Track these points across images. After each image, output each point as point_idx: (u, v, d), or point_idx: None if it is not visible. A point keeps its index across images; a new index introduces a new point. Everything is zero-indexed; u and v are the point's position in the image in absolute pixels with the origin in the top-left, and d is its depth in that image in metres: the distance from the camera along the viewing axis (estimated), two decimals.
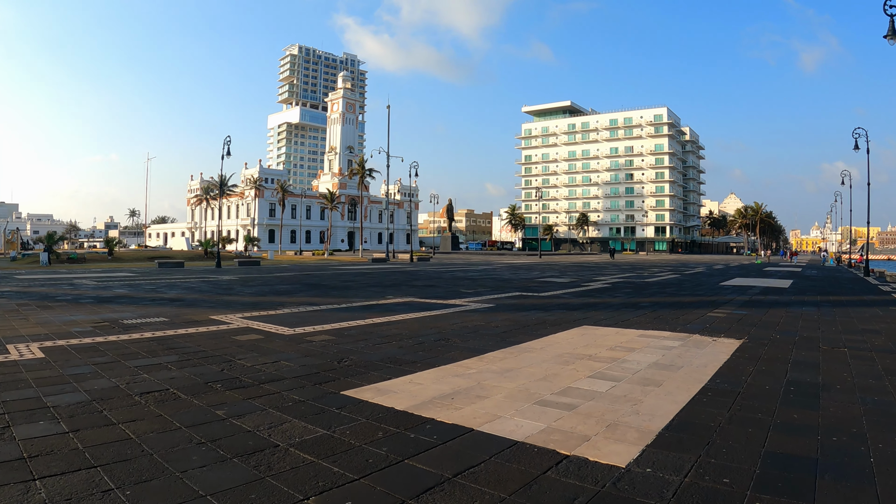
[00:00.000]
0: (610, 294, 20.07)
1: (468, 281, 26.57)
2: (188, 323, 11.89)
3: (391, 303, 16.32)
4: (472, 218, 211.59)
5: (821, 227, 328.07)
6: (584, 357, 8.61)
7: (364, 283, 24.26)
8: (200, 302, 16.15)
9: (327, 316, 13.12)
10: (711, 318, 13.56)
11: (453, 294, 19.31)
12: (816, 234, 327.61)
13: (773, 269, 44.90)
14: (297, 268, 40.21)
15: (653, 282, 27.45)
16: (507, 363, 8.08)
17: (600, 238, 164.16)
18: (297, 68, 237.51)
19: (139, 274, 30.46)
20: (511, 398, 6.26)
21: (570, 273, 35.04)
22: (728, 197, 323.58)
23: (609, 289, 22.64)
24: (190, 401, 6.07)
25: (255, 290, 20.59)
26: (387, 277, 28.90)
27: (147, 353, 8.66)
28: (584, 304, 16.35)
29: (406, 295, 18.82)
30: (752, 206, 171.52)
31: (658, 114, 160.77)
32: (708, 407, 6.01)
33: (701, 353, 9.08)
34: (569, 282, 26.62)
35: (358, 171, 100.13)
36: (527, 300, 17.68)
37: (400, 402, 6.03)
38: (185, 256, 55.04)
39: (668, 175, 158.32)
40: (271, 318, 12.57)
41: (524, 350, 9.10)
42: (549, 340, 10.08)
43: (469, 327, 11.54)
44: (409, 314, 13.59)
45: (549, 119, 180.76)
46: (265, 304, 15.74)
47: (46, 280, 25.21)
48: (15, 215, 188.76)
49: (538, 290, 21.63)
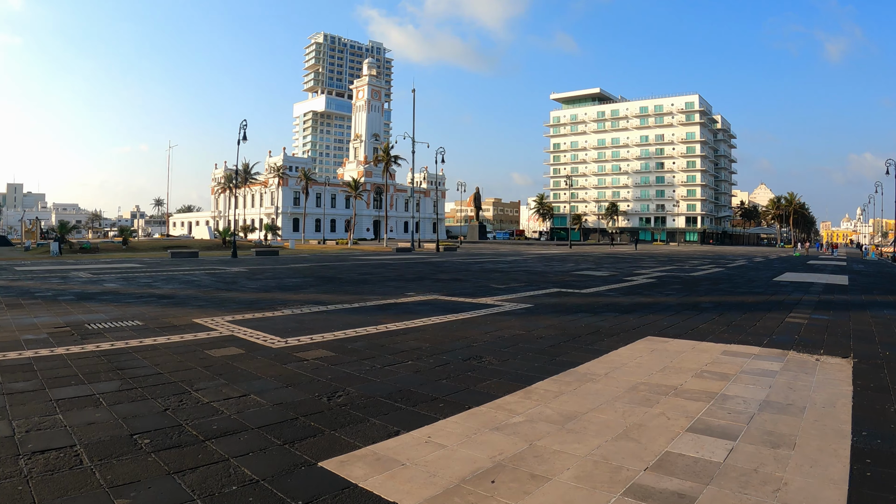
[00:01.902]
0: (660, 292, 17.64)
1: (499, 274, 24.23)
2: (164, 329, 9.78)
3: (411, 301, 14.07)
4: (500, 207, 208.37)
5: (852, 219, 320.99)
6: (667, 390, 6.28)
7: (384, 277, 22.06)
8: (192, 300, 14.04)
9: (333, 320, 10.90)
10: (792, 324, 11.15)
11: (483, 290, 17.02)
12: (847, 227, 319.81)
13: (818, 263, 41.70)
14: (315, 258, 38.16)
15: (700, 276, 24.90)
16: (566, 402, 5.78)
17: (630, 228, 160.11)
18: (323, 56, 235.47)
19: (145, 265, 28.59)
20: (586, 481, 3.94)
21: (607, 265, 32.51)
22: (758, 187, 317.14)
23: (656, 284, 20.20)
24: (90, 475, 3.89)
25: (260, 284, 18.49)
26: (410, 269, 26.67)
27: (87, 376, 6.58)
28: (636, 306, 13.96)
29: (429, 291, 16.58)
30: (785, 196, 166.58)
31: (689, 101, 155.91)
32: (883, 491, 3.79)
33: (814, 381, 6.75)
34: (608, 276, 24.19)
35: (383, 159, 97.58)
36: (568, 298, 15.31)
37: (410, 494, 3.74)
38: (203, 246, 53.45)
39: (700, 164, 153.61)
40: (264, 323, 10.40)
41: (584, 378, 6.79)
42: (612, 360, 7.75)
43: (506, 338, 9.25)
44: (432, 317, 11.32)
45: (578, 106, 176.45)
46: (265, 302, 13.59)
47: (42, 272, 23.41)
48: (41, 205, 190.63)
49: (578, 285, 19.26)
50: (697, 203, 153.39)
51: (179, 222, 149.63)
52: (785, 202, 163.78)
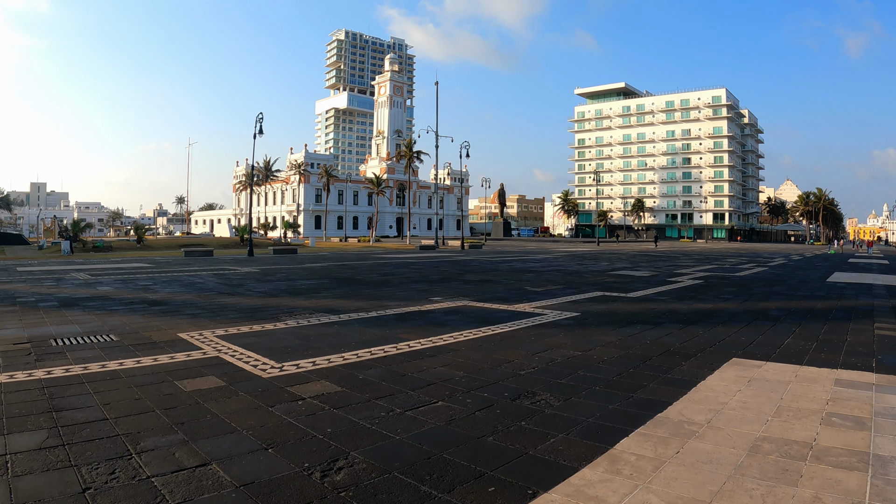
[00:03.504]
0: (715, 296, 15.61)
1: (532, 274, 22.25)
2: (139, 346, 8.05)
3: (438, 309, 12.20)
4: (524, 204, 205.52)
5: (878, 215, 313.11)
6: (801, 451, 4.35)
7: (406, 277, 20.22)
8: (186, 307, 12.30)
9: (344, 335, 9.07)
10: (887, 338, 9.21)
11: (518, 294, 15.11)
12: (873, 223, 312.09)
13: (861, 262, 38.85)
14: (335, 256, 36.43)
15: (748, 277, 22.78)
16: (674, 481, 3.85)
17: (656, 225, 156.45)
18: (344, 53, 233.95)
19: (154, 265, 27.02)
20: None
21: (644, 265, 30.35)
22: (784, 183, 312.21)
23: (705, 286, 18.18)
24: None
25: (269, 287, 16.74)
26: (434, 269, 24.80)
27: (10, 420, 5.00)
28: (697, 314, 11.97)
29: (458, 295, 14.72)
30: (814, 192, 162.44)
31: (716, 95, 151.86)
32: None
33: None
34: (650, 276, 22.15)
35: (406, 154, 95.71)
36: (616, 305, 13.33)
37: None
38: (220, 244, 52.08)
39: (728, 159, 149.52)
40: (261, 340, 8.60)
41: (681, 429, 4.88)
42: (706, 397, 5.82)
43: (559, 362, 7.35)
44: (464, 331, 9.45)
45: (603, 101, 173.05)
46: (269, 310, 11.81)
47: (41, 273, 21.93)
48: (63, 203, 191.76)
49: (621, 287, 17.28)
50: (725, 199, 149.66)
51: (201, 220, 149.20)
52: (814, 198, 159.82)
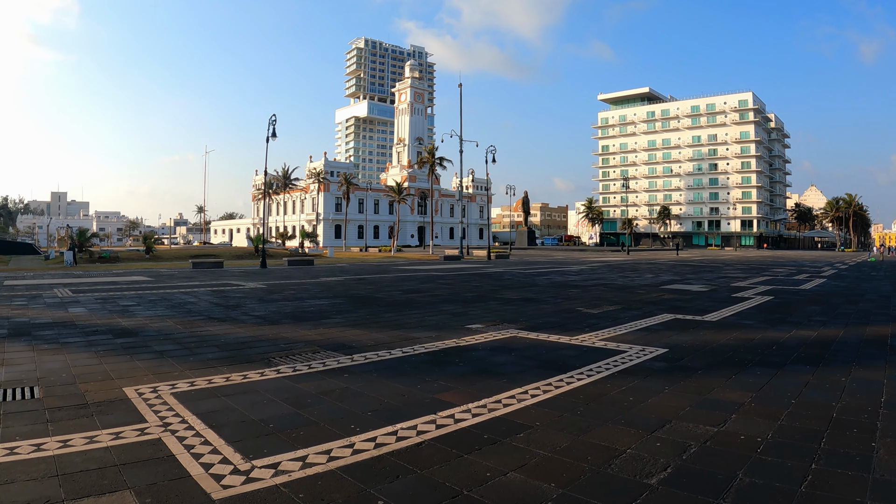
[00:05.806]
0: (805, 317, 12.72)
1: (577, 290, 19.27)
2: (60, 410, 5.42)
3: (482, 343, 9.36)
4: (547, 212, 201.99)
5: None
6: None
7: (435, 296, 17.36)
8: (159, 339, 9.59)
9: (354, 394, 6.29)
10: None
11: (575, 319, 12.22)
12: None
13: None
14: (354, 268, 33.69)
15: (816, 290, 19.93)
16: None
17: (682, 232, 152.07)
18: (364, 62, 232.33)
19: (153, 279, 24.43)
20: None
21: (692, 276, 27.25)
22: (808, 189, 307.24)
23: (782, 304, 15.41)
24: None
25: (270, 309, 13.96)
26: (465, 284, 21.89)
27: None
28: (808, 346, 9.08)
29: (500, 320, 11.92)
30: (844, 197, 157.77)
31: (743, 99, 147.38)
32: None
33: None
34: (709, 291, 19.20)
35: (428, 160, 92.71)
36: (702, 334, 10.37)
37: None
38: (234, 254, 49.66)
39: (755, 165, 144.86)
40: (232, 404, 5.85)
41: None
42: None
43: (695, 452, 4.51)
44: (528, 386, 6.60)
45: (627, 107, 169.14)
46: (259, 346, 9.07)
47: (21, 288, 19.46)
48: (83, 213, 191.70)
49: (688, 308, 14.32)
50: (753, 206, 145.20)
51: (220, 229, 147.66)
52: (844, 204, 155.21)
